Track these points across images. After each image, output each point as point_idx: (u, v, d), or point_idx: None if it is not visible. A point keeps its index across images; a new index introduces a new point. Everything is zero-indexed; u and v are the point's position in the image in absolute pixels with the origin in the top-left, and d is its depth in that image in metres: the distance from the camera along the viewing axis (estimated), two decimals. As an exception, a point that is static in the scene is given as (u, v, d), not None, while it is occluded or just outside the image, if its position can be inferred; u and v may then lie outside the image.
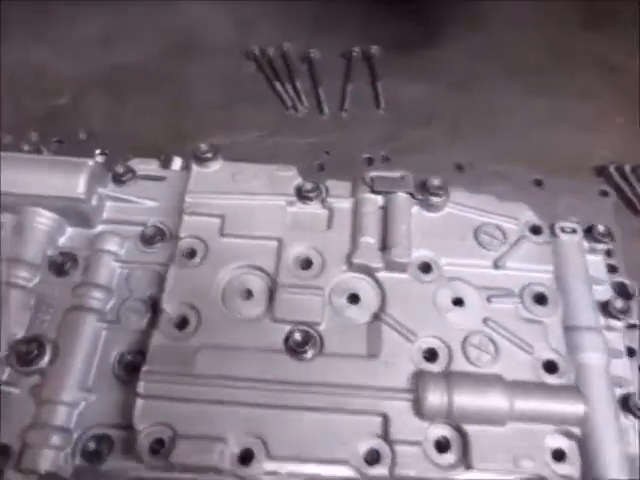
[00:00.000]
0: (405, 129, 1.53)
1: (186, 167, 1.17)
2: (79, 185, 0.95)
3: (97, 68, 1.64)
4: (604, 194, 1.20)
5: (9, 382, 0.85)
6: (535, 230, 0.96)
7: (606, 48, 1.78)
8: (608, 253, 1.07)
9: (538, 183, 1.21)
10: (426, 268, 0.91)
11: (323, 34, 1.74)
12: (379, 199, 0.96)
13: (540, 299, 0.89)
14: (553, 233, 0.98)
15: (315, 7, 1.81)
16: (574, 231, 0.99)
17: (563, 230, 0.99)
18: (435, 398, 0.77)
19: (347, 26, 1.78)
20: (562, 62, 1.73)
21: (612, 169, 1.42)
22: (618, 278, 1.03)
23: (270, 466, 0.76)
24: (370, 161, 1.26)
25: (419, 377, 0.80)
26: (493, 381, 0.79)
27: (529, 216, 0.98)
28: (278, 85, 1.60)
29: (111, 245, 0.97)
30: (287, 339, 0.84)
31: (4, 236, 0.97)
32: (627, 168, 1.41)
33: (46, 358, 0.85)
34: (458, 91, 1.64)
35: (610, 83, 1.68)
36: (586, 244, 1.00)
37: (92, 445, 0.82)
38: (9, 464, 0.80)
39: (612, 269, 1.05)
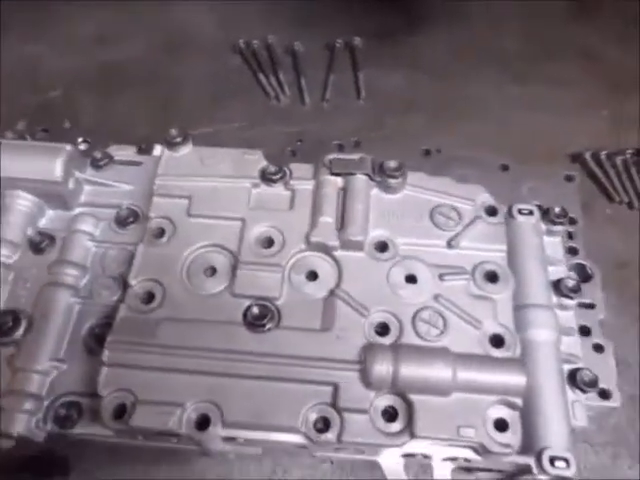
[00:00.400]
0: (384, 118, 1.57)
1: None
2: (56, 169, 1.00)
3: (90, 64, 1.70)
4: (569, 179, 1.23)
5: (-17, 353, 0.90)
6: (490, 211, 0.99)
7: (592, 40, 1.80)
8: (570, 236, 1.10)
9: (505, 168, 1.24)
10: (382, 247, 0.95)
11: (307, 27, 1.79)
12: (339, 181, 1.00)
13: (491, 277, 0.93)
14: (511, 215, 1.01)
15: (299, 1, 1.85)
16: (531, 212, 1.02)
17: (520, 212, 1.02)
18: (382, 368, 0.81)
19: (331, 19, 1.82)
20: (544, 52, 1.76)
21: (587, 156, 1.45)
22: (577, 260, 1.07)
23: (225, 432, 0.81)
24: (341, 147, 1.30)
25: (368, 349, 0.84)
26: (438, 353, 0.83)
27: (485, 198, 1.01)
28: (262, 76, 1.64)
29: (86, 226, 1.02)
30: (246, 313, 0.89)
31: (-13, 218, 1.02)
32: (603, 155, 1.44)
33: (21, 329, 0.91)
34: (438, 80, 1.67)
35: (594, 74, 1.70)
36: (544, 226, 1.03)
37: (62, 411, 0.87)
38: (-16, 428, 0.85)
39: (573, 251, 1.09)
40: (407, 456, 0.86)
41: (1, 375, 0.89)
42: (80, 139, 1.24)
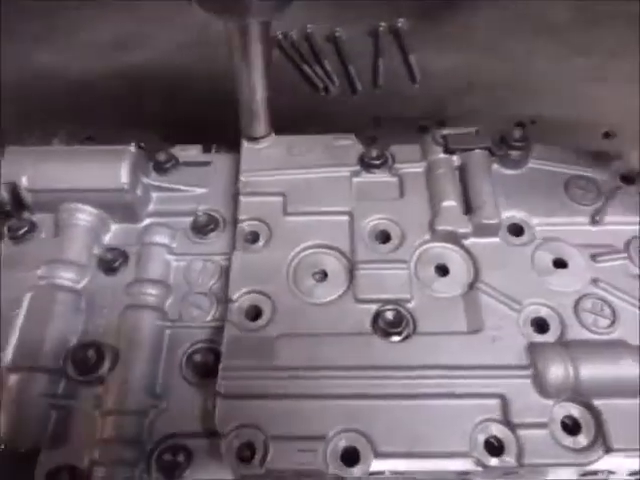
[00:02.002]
0: (445, 101, 1.44)
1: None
2: (121, 174, 0.86)
3: (113, 68, 1.56)
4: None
5: (67, 395, 0.75)
6: (627, 179, 0.86)
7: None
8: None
9: (606, 135, 1.12)
10: (517, 230, 0.82)
11: (344, 13, 1.66)
12: (454, 159, 0.86)
13: (649, 253, 0.79)
14: (642, 183, 0.88)
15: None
16: (666, 179, 0.88)
17: (655, 178, 0.89)
18: (559, 371, 0.67)
19: (368, 2, 1.70)
20: (595, 21, 1.64)
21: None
22: None
23: (379, 465, 0.66)
24: (424, 129, 1.16)
25: (536, 349, 0.70)
26: (619, 347, 0.70)
27: (617, 165, 0.88)
28: (306, 68, 1.51)
29: (161, 237, 0.88)
30: (375, 320, 0.75)
31: (43, 238, 0.88)
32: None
33: (106, 364, 0.75)
34: (494, 57, 1.55)
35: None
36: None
37: (168, 457, 0.72)
38: (78, 488, 0.70)
39: None
40: (586, 475, 0.72)
41: (89, 421, 0.73)
42: (132, 144, 1.10)
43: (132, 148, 0.90)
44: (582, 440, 0.67)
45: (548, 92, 1.43)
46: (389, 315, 0.74)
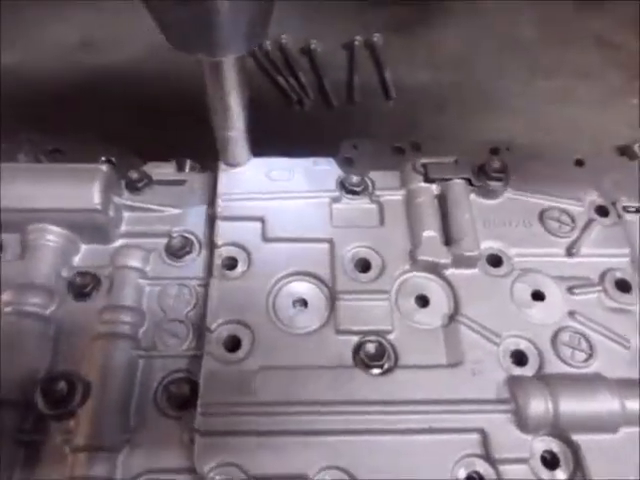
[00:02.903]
0: (418, 117, 1.45)
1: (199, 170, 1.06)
2: (93, 195, 0.83)
3: (80, 71, 1.51)
4: (649, 170, 1.13)
5: (36, 429, 0.71)
6: (602, 211, 0.88)
7: (605, 26, 1.74)
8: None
9: (579, 163, 1.14)
10: (496, 261, 0.82)
11: (319, 25, 1.65)
12: (433, 188, 0.86)
13: (623, 286, 0.81)
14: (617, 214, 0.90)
15: (308, -1, 1.71)
16: (638, 210, 0.91)
17: (626, 210, 0.91)
18: (539, 406, 0.68)
19: (343, 15, 1.70)
20: (560, 41, 1.69)
21: (637, 148, 1.37)
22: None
23: (362, 502, 0.65)
24: (400, 150, 1.16)
25: (515, 384, 0.71)
26: (597, 381, 0.71)
27: (592, 196, 0.90)
28: (281, 79, 1.49)
29: (134, 261, 0.85)
30: (356, 352, 0.74)
31: (9, 259, 0.83)
32: (651, 145, 1.36)
33: (77, 397, 0.72)
34: (464, 74, 1.57)
35: (614, 63, 1.64)
36: (653, 222, 0.93)
37: (143, 496, 0.69)
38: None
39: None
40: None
41: (60, 457, 0.70)
42: (103, 158, 1.06)
43: (104, 167, 0.86)
44: (561, 475, 0.68)
45: (518, 112, 1.46)
46: (370, 348, 0.74)
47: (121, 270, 0.84)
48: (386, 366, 0.73)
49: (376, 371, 0.73)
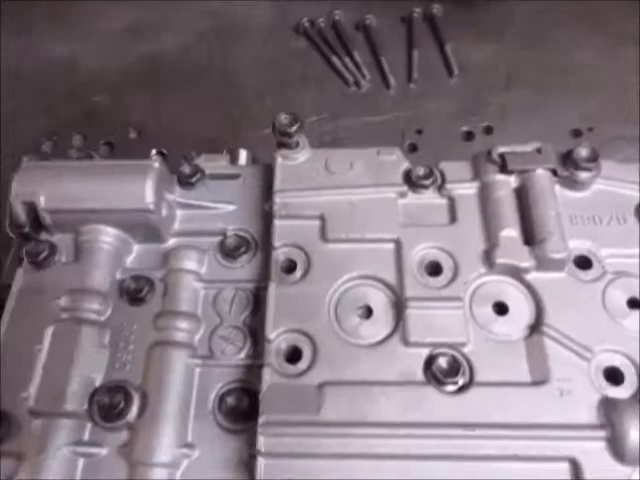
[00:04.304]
0: (484, 96, 1.34)
1: (253, 160, 1.01)
2: (146, 193, 0.79)
3: (130, 61, 1.47)
4: None
5: (93, 441, 0.69)
6: None
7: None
8: None
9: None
10: (585, 263, 0.73)
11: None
12: (512, 180, 0.78)
13: None
14: None
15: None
16: None
17: None
18: (639, 434, 0.60)
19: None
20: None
21: None
22: None
23: (436, 533, 0.60)
24: (469, 135, 1.07)
25: (610, 406, 0.62)
26: None
27: (698, 186, 0.79)
28: (335, 59, 1.41)
29: (190, 263, 0.81)
30: (427, 366, 0.67)
31: (64, 263, 0.81)
32: None
33: (134, 409, 0.69)
34: (535, 48, 1.44)
35: None
36: None
37: (202, 514, 0.66)
38: None
39: None
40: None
41: (117, 471, 0.68)
42: (154, 151, 1.02)
43: (155, 164, 0.82)
44: (664, 512, 0.60)
45: (593, 86, 1.33)
46: (443, 363, 0.67)
47: (176, 273, 0.80)
48: (460, 383, 0.66)
49: (450, 388, 0.66)
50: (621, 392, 0.65)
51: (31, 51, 1.51)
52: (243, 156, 1.01)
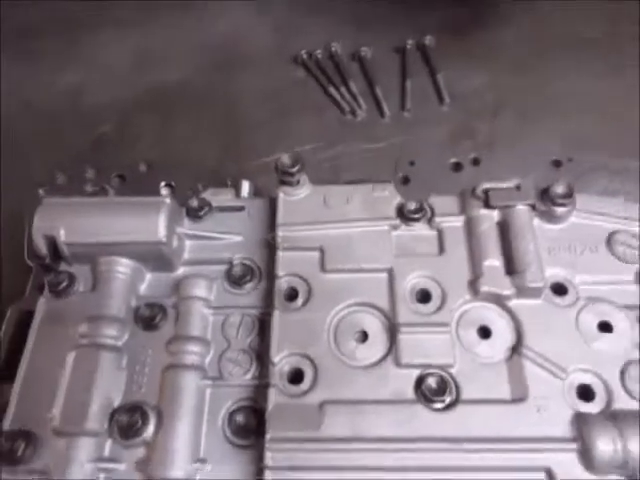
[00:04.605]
0: (474, 123, 1.42)
1: (255, 191, 1.09)
2: (159, 228, 0.86)
3: (135, 92, 1.55)
4: None
5: (113, 458, 0.76)
6: (674, 234, 0.84)
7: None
8: None
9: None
10: (560, 289, 0.81)
11: (371, 30, 1.63)
12: (494, 214, 0.85)
13: (697, 316, 0.78)
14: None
15: (359, 3, 1.69)
16: None
17: None
18: (607, 446, 0.67)
19: (393, 18, 1.67)
20: (629, 35, 1.60)
21: None
22: None
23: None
24: (458, 166, 1.15)
25: (581, 421, 0.69)
26: (669, 420, 0.69)
27: (663, 218, 0.86)
28: (332, 89, 1.49)
29: (200, 290, 0.88)
30: (417, 386, 0.74)
31: (82, 292, 0.88)
32: None
33: (151, 427, 0.76)
34: (523, 76, 1.52)
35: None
36: None
37: (216, 525, 0.73)
38: None
39: None
40: None
41: (135, 486, 0.74)
42: (163, 183, 1.10)
43: (167, 199, 0.89)
44: (631, 518, 0.67)
45: (579, 113, 1.40)
46: (432, 382, 0.74)
47: (186, 300, 0.87)
48: (448, 401, 0.73)
49: (438, 405, 0.73)
50: (592, 407, 0.72)
51: (39, 82, 1.58)
52: (245, 187, 1.08)
